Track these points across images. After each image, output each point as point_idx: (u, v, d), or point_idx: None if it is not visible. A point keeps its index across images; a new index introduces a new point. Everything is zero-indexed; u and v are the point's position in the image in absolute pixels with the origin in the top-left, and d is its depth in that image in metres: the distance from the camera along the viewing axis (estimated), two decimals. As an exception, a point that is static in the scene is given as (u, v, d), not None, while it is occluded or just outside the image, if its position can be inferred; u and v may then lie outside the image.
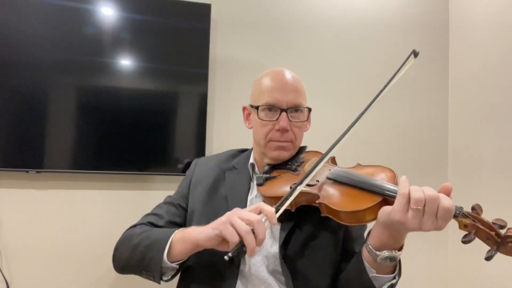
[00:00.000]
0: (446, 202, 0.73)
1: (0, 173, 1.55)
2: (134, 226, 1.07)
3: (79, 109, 1.62)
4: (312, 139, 1.20)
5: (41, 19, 1.56)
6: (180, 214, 1.11)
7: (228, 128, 1.81)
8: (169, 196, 1.17)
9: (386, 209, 0.77)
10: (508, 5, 1.75)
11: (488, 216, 0.78)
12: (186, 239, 0.88)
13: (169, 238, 0.89)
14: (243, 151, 1.21)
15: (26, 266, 1.58)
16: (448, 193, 0.76)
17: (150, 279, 0.93)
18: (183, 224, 1.09)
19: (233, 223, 0.76)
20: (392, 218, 0.75)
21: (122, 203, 1.69)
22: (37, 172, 1.56)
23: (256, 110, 1.05)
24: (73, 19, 1.59)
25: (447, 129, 2.10)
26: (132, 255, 0.96)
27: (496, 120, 1.79)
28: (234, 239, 0.76)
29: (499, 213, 0.79)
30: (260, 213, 0.79)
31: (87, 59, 1.61)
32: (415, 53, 0.96)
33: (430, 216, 0.73)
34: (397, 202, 0.75)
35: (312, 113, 1.13)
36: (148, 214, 1.12)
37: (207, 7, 1.73)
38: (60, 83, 1.59)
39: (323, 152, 1.09)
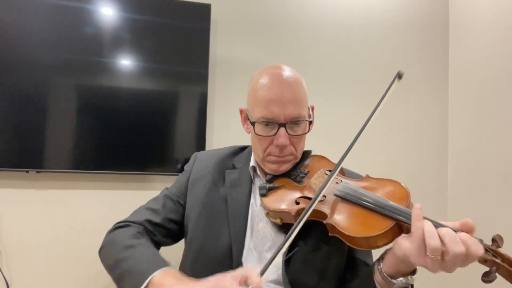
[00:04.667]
0: (478, 250, 0.68)
1: (0, 173, 1.55)
2: (128, 224, 1.03)
3: (79, 109, 1.62)
4: (314, 139, 1.20)
5: (41, 19, 1.56)
6: (177, 210, 1.07)
7: (228, 128, 1.81)
8: (167, 189, 1.13)
9: (403, 246, 0.72)
10: (508, 5, 1.75)
11: (487, 219, 0.75)
12: None
13: (147, 278, 0.81)
14: (243, 148, 1.17)
15: (26, 266, 1.58)
16: (469, 231, 0.71)
17: None
18: (180, 221, 1.06)
19: None
20: (411, 261, 0.71)
21: (122, 203, 1.69)
22: (37, 172, 1.56)
23: (252, 125, 0.98)
24: (73, 19, 1.59)
25: (447, 129, 2.10)
26: (112, 269, 0.93)
27: (497, 120, 1.79)
28: None
29: (499, 215, 0.78)
30: (246, 280, 0.71)
31: (87, 59, 1.61)
32: (400, 75, 0.88)
33: (454, 265, 0.68)
34: (414, 246, 0.70)
35: (313, 113, 1.08)
36: (144, 208, 1.08)
37: (207, 7, 1.73)
38: (60, 83, 1.59)
39: (327, 157, 1.06)
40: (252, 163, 1.07)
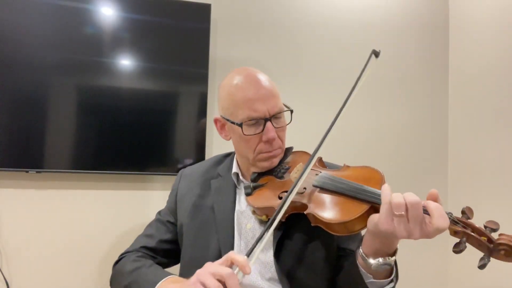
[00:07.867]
0: (431, 204, 0.72)
1: (0, 173, 1.55)
2: (127, 253, 1.09)
3: (79, 109, 1.62)
4: (312, 139, 1.20)
5: (41, 19, 1.56)
6: (170, 230, 1.12)
7: (228, 128, 1.81)
8: (159, 213, 1.18)
9: (373, 218, 0.77)
10: (508, 5, 1.75)
11: (487, 218, 0.76)
12: None
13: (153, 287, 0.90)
14: (227, 155, 1.19)
15: (26, 266, 1.58)
16: (435, 199, 0.75)
17: None
18: (174, 240, 1.11)
19: (203, 282, 0.74)
20: (379, 228, 0.74)
21: (122, 203, 1.69)
22: (37, 172, 1.56)
23: (239, 126, 0.98)
24: (73, 19, 1.59)
25: (447, 130, 2.10)
26: None
27: (497, 120, 1.79)
28: None
29: (499, 215, 0.78)
30: (232, 264, 0.76)
31: (87, 59, 1.61)
32: (376, 53, 0.93)
33: (416, 223, 0.72)
34: (382, 211, 0.74)
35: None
36: (141, 236, 1.14)
37: (207, 7, 1.73)
38: (60, 83, 1.59)
39: (310, 152, 1.08)
40: (234, 169, 1.09)
